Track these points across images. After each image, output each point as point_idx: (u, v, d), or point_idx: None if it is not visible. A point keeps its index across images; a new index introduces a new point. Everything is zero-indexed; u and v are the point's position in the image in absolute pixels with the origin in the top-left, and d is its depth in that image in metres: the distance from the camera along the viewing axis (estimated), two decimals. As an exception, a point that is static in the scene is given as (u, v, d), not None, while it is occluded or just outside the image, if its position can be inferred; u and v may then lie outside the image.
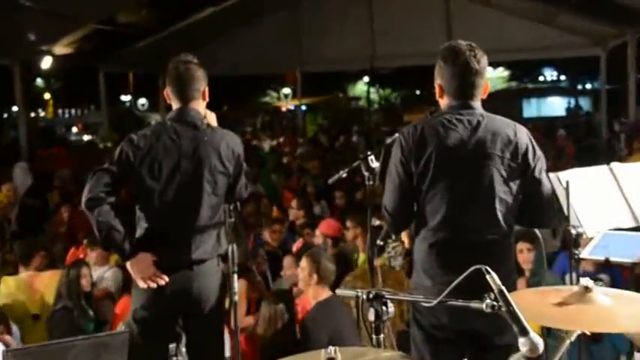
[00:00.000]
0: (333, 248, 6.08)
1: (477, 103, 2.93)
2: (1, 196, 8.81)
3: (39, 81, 39.50)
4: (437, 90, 3.00)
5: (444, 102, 2.99)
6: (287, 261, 5.65)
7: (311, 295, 4.54)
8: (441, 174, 2.85)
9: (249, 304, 5.12)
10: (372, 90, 35.23)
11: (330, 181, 3.69)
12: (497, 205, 2.84)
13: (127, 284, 5.02)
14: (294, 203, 7.70)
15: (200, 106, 3.56)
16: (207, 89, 3.60)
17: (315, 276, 4.48)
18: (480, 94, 2.94)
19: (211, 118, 3.63)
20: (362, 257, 5.67)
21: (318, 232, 6.35)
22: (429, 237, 2.91)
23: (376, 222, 3.23)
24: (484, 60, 2.90)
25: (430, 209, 2.89)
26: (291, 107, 33.31)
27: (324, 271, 4.49)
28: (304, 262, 4.58)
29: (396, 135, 3.05)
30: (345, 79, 39.56)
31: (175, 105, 3.55)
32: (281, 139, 19.16)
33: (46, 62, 13.32)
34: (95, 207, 3.30)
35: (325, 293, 4.48)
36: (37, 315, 5.44)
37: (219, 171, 3.47)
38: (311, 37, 16.69)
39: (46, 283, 5.44)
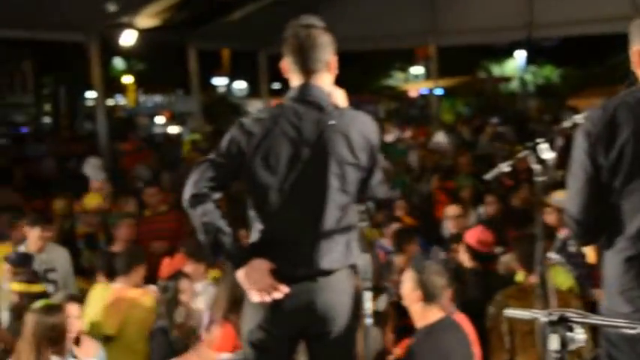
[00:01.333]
0: (474, 262, 6.08)
1: None
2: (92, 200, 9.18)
3: (117, 61, 41.41)
4: (634, 59, 2.84)
5: None
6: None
7: (416, 315, 4.49)
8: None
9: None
10: (529, 68, 34.48)
11: (489, 176, 3.57)
12: None
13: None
14: (451, 210, 7.67)
15: (325, 80, 3.54)
16: (335, 59, 3.57)
17: (419, 292, 4.43)
18: None
19: (340, 97, 3.61)
20: (520, 275, 5.59)
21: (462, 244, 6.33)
22: (626, 248, 2.77)
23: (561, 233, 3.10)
24: None
25: (627, 212, 2.75)
26: (423, 91, 33.13)
27: (429, 286, 4.42)
28: (406, 276, 4.54)
29: (576, 118, 2.91)
30: (492, 55, 39.00)
31: (295, 81, 3.55)
32: (407, 132, 19.07)
33: (128, 38, 13.85)
34: (198, 205, 3.36)
35: (434, 314, 4.42)
36: (110, 337, 5.67)
37: (349, 162, 3.45)
38: (449, 1, 16.52)
39: (133, 301, 5.66)
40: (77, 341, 5.03)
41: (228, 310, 5.11)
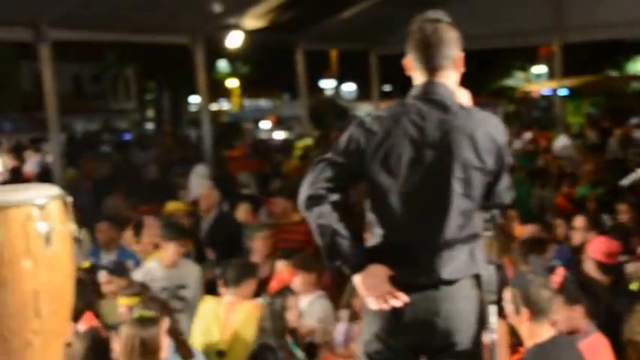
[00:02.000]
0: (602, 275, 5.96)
1: None
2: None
3: (221, 65, 42.15)
4: None
5: None
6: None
7: (525, 334, 4.38)
8: None
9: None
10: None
11: (626, 182, 3.52)
12: None
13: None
14: (578, 222, 7.50)
15: (450, 78, 3.52)
16: (461, 56, 3.56)
17: (525, 310, 4.32)
18: None
19: (463, 97, 3.60)
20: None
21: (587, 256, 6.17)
22: None
23: None
24: None
25: None
26: (546, 92, 32.45)
27: (536, 301, 4.30)
28: (508, 294, 4.45)
29: None
30: (622, 51, 37.87)
31: (419, 78, 3.54)
32: (527, 134, 18.76)
33: (234, 39, 14.13)
34: (315, 206, 3.39)
35: (545, 331, 4.29)
36: (223, 352, 5.78)
37: (474, 166, 3.41)
38: (576, -7, 16.21)
39: (244, 315, 5.76)
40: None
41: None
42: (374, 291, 3.41)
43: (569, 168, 12.16)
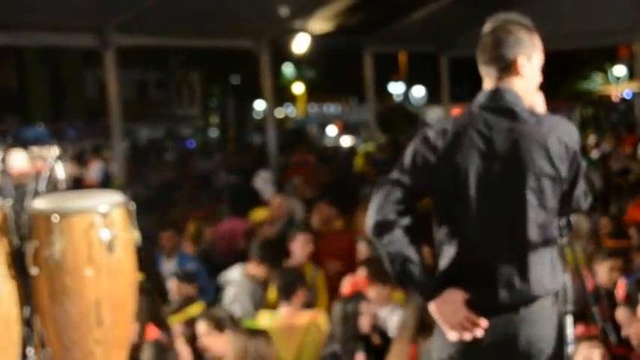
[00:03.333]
0: None
1: None
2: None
3: (287, 69, 42.36)
4: None
5: None
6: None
7: None
8: None
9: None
10: None
11: None
12: None
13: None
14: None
15: (517, 84, 3.43)
16: (528, 60, 3.45)
17: None
18: None
19: (538, 103, 3.52)
20: None
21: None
22: None
23: None
24: None
25: None
26: (626, 95, 31.90)
27: None
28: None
29: None
30: None
31: (487, 84, 3.47)
32: (606, 142, 18.41)
33: (301, 43, 14.19)
34: (384, 233, 3.32)
35: None
36: None
37: (548, 175, 3.33)
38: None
39: (307, 326, 5.76)
40: None
41: (417, 334, 5.12)
42: (451, 318, 3.32)
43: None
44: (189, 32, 12.66)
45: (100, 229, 2.84)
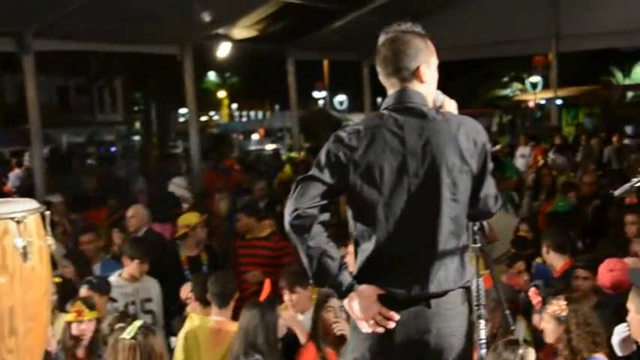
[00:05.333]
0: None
1: None
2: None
3: (211, 75, 42.18)
4: None
5: None
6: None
7: None
8: None
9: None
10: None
11: (618, 192, 3.49)
12: None
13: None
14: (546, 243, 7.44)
15: (422, 89, 3.49)
16: (428, 67, 3.50)
17: None
18: None
19: (450, 107, 3.58)
20: None
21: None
22: None
23: None
24: None
25: None
26: (542, 102, 32.62)
27: None
28: (629, 298, 4.37)
29: None
30: (619, 60, 38.07)
31: (391, 89, 3.54)
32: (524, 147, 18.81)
33: (223, 50, 14.17)
34: (304, 228, 3.33)
35: None
36: None
37: (460, 170, 3.40)
38: (573, 3, 16.25)
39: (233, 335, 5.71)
40: None
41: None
42: (364, 313, 3.36)
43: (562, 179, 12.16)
44: (111, 37, 12.49)
45: (13, 237, 2.76)
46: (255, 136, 40.38)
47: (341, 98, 39.50)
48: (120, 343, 4.61)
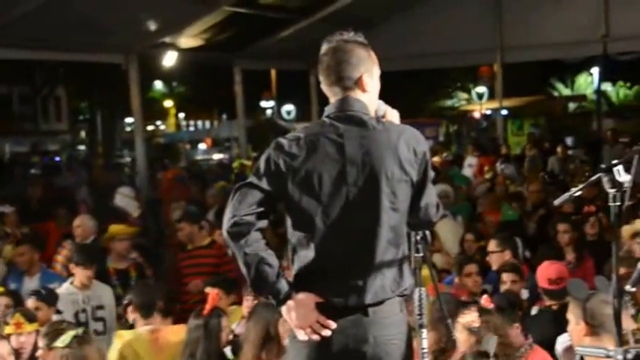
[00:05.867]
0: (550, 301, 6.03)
1: None
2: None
3: (158, 84, 41.92)
4: None
5: None
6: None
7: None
8: None
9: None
10: (603, 86, 33.99)
11: (558, 202, 3.54)
12: None
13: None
14: (490, 246, 7.56)
15: (364, 98, 3.53)
16: (370, 76, 3.55)
17: (582, 325, 4.32)
18: None
19: (391, 115, 3.62)
20: None
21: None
22: None
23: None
24: None
25: None
26: (488, 112, 32.98)
27: (595, 315, 4.28)
28: (569, 309, 4.44)
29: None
30: (563, 71, 38.70)
31: (333, 97, 3.56)
32: (471, 160, 18.99)
33: (169, 58, 14.08)
34: (241, 235, 3.33)
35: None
36: None
37: (399, 178, 3.43)
38: (516, 14, 16.47)
39: (175, 341, 5.66)
40: None
41: (260, 348, 5.13)
42: (302, 321, 3.37)
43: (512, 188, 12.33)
44: (55, 46, 12.34)
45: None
46: (202, 146, 40.21)
47: (289, 108, 39.54)
48: (53, 351, 4.56)
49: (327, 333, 3.36)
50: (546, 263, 6.44)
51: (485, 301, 5.45)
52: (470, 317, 4.95)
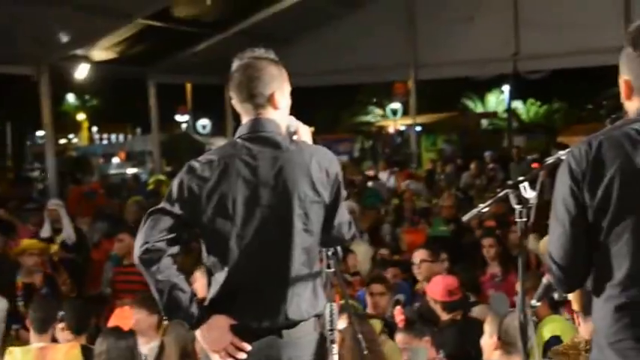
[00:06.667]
0: (446, 314, 6.12)
1: None
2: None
3: (70, 97, 41.29)
4: (623, 89, 2.92)
5: (632, 105, 2.90)
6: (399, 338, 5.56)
7: None
8: (628, 207, 2.74)
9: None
10: (514, 103, 34.76)
11: (466, 218, 3.59)
12: None
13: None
14: (421, 255, 7.61)
15: (274, 116, 3.53)
16: (282, 93, 3.55)
17: (495, 339, 4.38)
18: None
19: (303, 133, 3.62)
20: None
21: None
22: (615, 295, 2.78)
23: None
24: None
25: (615, 256, 2.78)
26: (402, 128, 33.37)
27: (509, 332, 4.34)
28: (487, 321, 4.48)
29: (561, 154, 2.95)
30: (476, 89, 39.45)
31: (245, 117, 3.57)
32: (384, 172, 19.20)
33: (82, 71, 13.90)
34: (153, 261, 3.30)
35: None
36: None
37: (312, 200, 3.44)
38: (430, 32, 16.74)
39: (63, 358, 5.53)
40: None
41: None
42: (216, 344, 3.37)
43: (424, 204, 12.51)
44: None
45: None
46: (115, 160, 39.68)
47: (204, 122, 39.37)
48: None
49: (242, 356, 3.36)
50: (439, 277, 6.52)
51: (397, 312, 5.50)
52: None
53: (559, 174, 2.88)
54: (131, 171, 31.28)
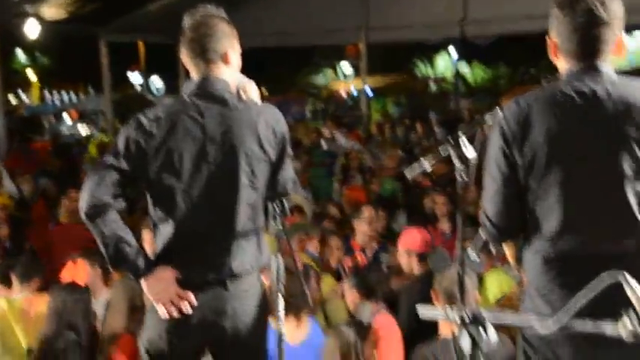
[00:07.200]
0: (421, 265, 6.13)
1: (605, 65, 2.90)
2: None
3: (20, 55, 40.49)
4: (551, 49, 3.00)
5: (561, 65, 2.99)
6: (346, 290, 5.61)
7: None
8: (555, 164, 2.84)
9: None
10: (461, 67, 34.94)
11: (409, 173, 3.64)
12: (634, 203, 2.80)
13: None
14: (366, 212, 7.69)
15: (225, 73, 3.56)
16: (234, 51, 3.59)
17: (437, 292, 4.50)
18: (609, 52, 2.91)
19: (251, 91, 3.64)
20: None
21: (399, 248, 6.36)
22: (543, 249, 2.89)
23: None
24: (615, 5, 2.88)
25: (543, 211, 2.87)
26: (353, 91, 33.42)
27: (442, 285, 4.47)
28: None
29: (497, 112, 3.02)
30: (424, 52, 39.51)
31: (195, 74, 3.57)
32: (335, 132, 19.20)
33: (31, 29, 13.64)
34: (98, 215, 3.32)
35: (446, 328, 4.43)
36: (31, 350, 5.56)
37: (258, 157, 3.49)
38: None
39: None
40: None
41: (127, 318, 5.09)
42: (161, 295, 3.41)
43: (370, 163, 12.58)
44: None
45: None
46: (67, 119, 39.08)
47: (157, 81, 38.97)
48: None
49: (185, 307, 3.40)
50: (413, 230, 6.49)
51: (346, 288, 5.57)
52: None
53: (492, 133, 2.97)
54: (83, 130, 30.91)
